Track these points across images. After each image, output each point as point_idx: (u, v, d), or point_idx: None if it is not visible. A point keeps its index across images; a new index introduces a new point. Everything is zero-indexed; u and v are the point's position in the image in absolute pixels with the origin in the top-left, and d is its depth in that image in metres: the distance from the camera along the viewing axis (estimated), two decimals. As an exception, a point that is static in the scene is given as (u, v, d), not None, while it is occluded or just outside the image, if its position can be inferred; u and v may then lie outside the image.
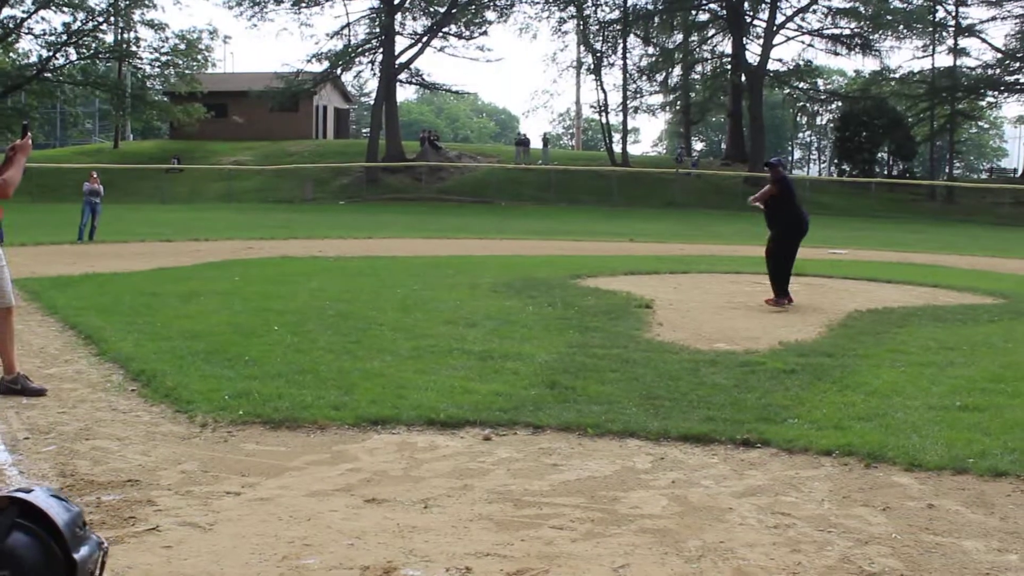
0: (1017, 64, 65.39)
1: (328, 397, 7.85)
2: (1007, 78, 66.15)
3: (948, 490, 6.04)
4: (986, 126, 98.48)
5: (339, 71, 65.43)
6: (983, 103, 72.28)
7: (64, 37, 60.09)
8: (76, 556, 2.07)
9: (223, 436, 7.03)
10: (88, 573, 2.08)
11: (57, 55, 61.04)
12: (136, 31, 62.82)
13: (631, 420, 7.39)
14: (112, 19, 61.80)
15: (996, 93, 68.42)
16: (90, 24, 60.83)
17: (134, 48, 62.74)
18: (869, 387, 8.68)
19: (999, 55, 65.51)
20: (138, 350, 9.86)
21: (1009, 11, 64.46)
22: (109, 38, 62.93)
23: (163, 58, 62.54)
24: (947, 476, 6.26)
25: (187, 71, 62.04)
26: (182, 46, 62.06)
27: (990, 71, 66.05)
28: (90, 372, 9.20)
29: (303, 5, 61.43)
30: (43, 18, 67.20)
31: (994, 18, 65.67)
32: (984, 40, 65.36)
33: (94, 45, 62.00)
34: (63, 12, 60.03)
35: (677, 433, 7.09)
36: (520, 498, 5.80)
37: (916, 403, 8.05)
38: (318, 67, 62.10)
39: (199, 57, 63.50)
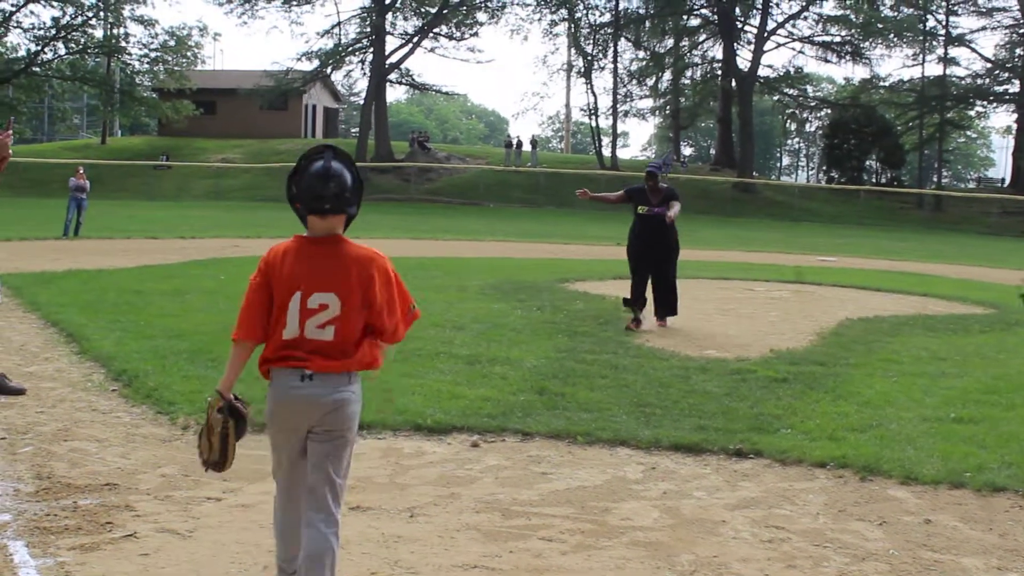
0: (1006, 74, 65.47)
1: (313, 400, 7.70)
2: (996, 88, 66.25)
3: (945, 505, 5.92)
4: (974, 136, 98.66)
5: (329, 70, 65.20)
6: (972, 113, 72.38)
7: (53, 32, 59.68)
8: (362, 179, 4.10)
9: (205, 439, 6.88)
10: (362, 186, 4.10)
11: (45, 49, 60.63)
12: (125, 27, 62.48)
13: (621, 428, 7.26)
14: (101, 14, 61.46)
15: (985, 103, 68.50)
16: (79, 19, 60.44)
17: (123, 44, 62.38)
18: (862, 397, 8.57)
19: (988, 65, 65.59)
20: (120, 349, 9.70)
21: (999, 21, 64.64)
22: (98, 33, 62.57)
23: (152, 54, 62.17)
24: (944, 490, 6.14)
25: (176, 68, 61.68)
26: (172, 43, 61.69)
27: (979, 81, 66.10)
28: (71, 371, 9.03)
29: (294, 3, 61.13)
30: (32, 12, 66.99)
31: (984, 28, 65.97)
32: (974, 50, 65.43)
33: (83, 40, 61.59)
34: (52, 7, 59.59)
35: (668, 442, 6.96)
36: (508, 508, 5.66)
37: (910, 414, 7.94)
38: (308, 66, 61.91)
39: (188, 54, 63.15)
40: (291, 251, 4.00)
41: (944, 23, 64.42)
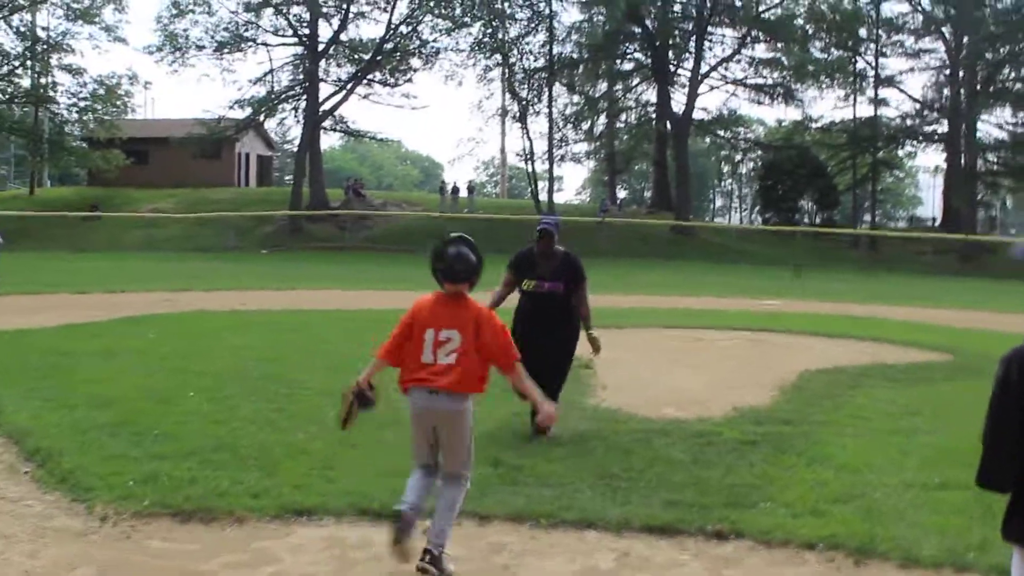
0: (935, 114, 66.32)
1: (247, 481, 7.00)
2: (925, 128, 67.05)
3: (953, 593, 5.37)
4: (902, 175, 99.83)
5: (262, 118, 64.31)
6: (901, 152, 73.17)
7: (-22, 82, 58.49)
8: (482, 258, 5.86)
9: (125, 531, 6.18)
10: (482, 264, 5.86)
11: (-29, 100, 59.34)
12: (53, 76, 61.44)
13: (587, 507, 6.65)
14: (28, 63, 60.33)
15: (915, 142, 69.29)
16: (5, 68, 59.26)
17: (51, 93, 61.24)
18: (837, 461, 8.04)
19: (917, 105, 66.46)
20: (37, 422, 8.90)
21: (926, 63, 65.63)
22: (25, 83, 61.38)
23: (81, 103, 61.05)
24: (948, 575, 5.59)
25: (106, 117, 60.51)
26: (101, 91, 60.60)
27: (908, 121, 66.87)
28: (-21, 450, 8.24)
29: (225, 51, 60.26)
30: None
31: (912, 69, 66.72)
32: (902, 91, 66.40)
33: (9, 90, 60.35)
34: (-24, 57, 58.43)
35: (640, 523, 6.35)
36: (470, 611, 5.03)
37: (892, 480, 7.41)
38: (241, 113, 60.96)
39: (118, 103, 61.98)
40: (432, 301, 5.74)
41: (874, 65, 65.22)
